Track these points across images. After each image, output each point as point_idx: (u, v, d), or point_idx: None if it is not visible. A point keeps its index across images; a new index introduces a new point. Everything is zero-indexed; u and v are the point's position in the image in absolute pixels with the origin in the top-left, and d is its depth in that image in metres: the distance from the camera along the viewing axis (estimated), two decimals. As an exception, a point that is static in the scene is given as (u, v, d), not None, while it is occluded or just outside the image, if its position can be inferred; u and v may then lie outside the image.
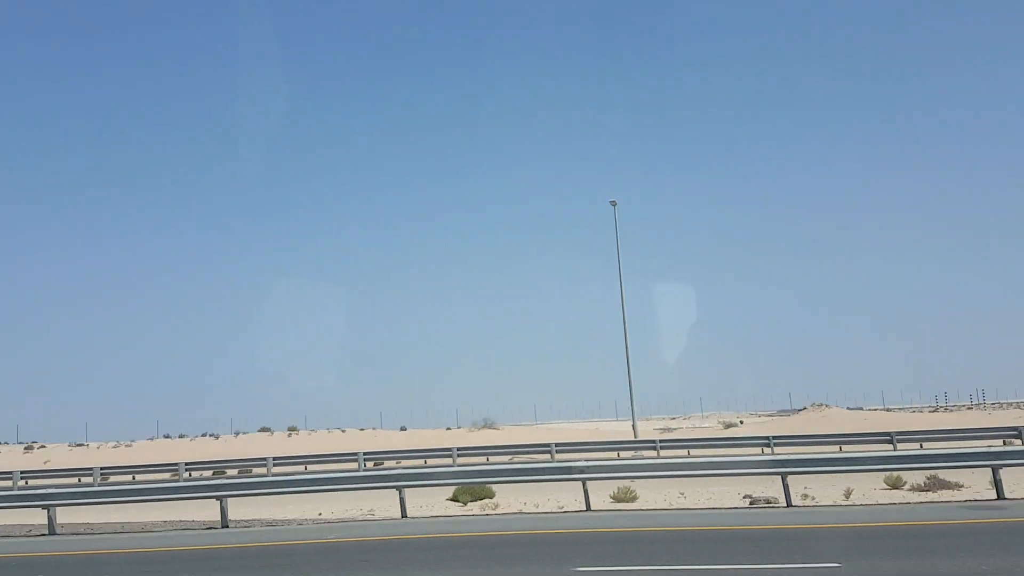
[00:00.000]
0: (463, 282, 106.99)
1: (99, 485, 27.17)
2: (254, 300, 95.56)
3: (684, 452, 30.20)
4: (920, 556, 8.86)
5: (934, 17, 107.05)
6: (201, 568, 10.48)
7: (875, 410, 71.78)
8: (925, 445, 27.40)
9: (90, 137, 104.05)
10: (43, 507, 15.64)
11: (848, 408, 65.69)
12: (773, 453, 28.89)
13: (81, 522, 16.88)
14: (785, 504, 14.54)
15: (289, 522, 15.74)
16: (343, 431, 60.49)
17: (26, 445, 65.98)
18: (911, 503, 14.38)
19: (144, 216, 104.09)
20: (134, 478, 32.65)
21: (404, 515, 15.36)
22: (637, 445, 33.17)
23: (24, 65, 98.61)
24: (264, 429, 62.13)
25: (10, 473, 33.29)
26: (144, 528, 15.99)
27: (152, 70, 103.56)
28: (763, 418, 76.26)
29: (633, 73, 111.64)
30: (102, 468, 34.12)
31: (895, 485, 16.52)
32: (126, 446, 61.34)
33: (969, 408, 71.52)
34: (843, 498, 15.43)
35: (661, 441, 32.60)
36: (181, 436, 64.56)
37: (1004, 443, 26.90)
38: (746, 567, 8.67)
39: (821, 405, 64.25)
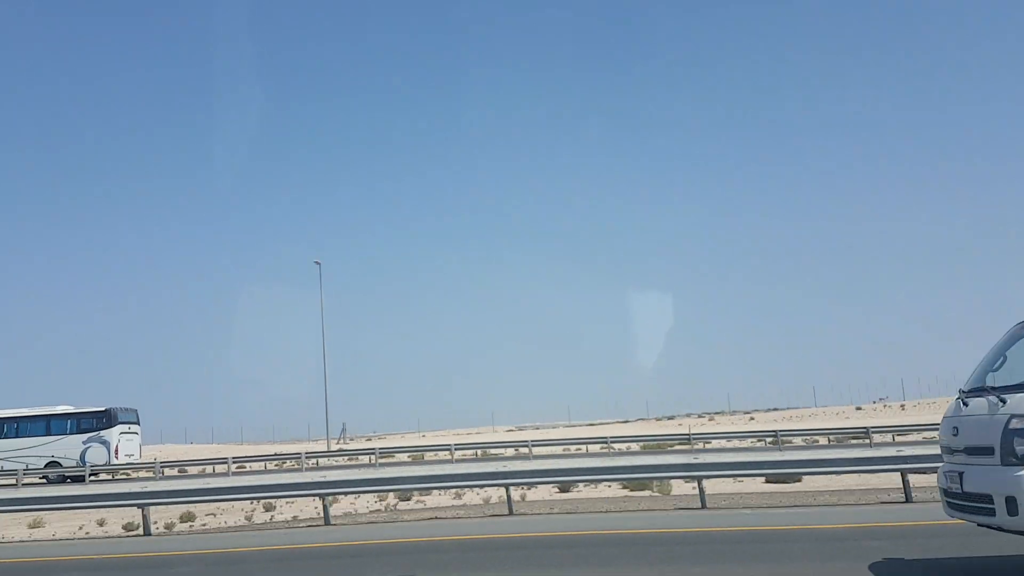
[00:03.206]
0: (452, 287, 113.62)
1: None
2: (231, 307, 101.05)
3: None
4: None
5: (917, 15, 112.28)
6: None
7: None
8: None
9: (69, 142, 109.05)
10: (320, 496, 15.88)
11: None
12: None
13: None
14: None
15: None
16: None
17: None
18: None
19: (125, 220, 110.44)
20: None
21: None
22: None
23: (1, 72, 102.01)
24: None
25: (225, 459, 35.77)
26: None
27: (131, 77, 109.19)
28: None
29: (613, 79, 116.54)
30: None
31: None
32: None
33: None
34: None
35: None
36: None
37: None
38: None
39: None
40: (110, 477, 35.03)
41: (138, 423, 37.39)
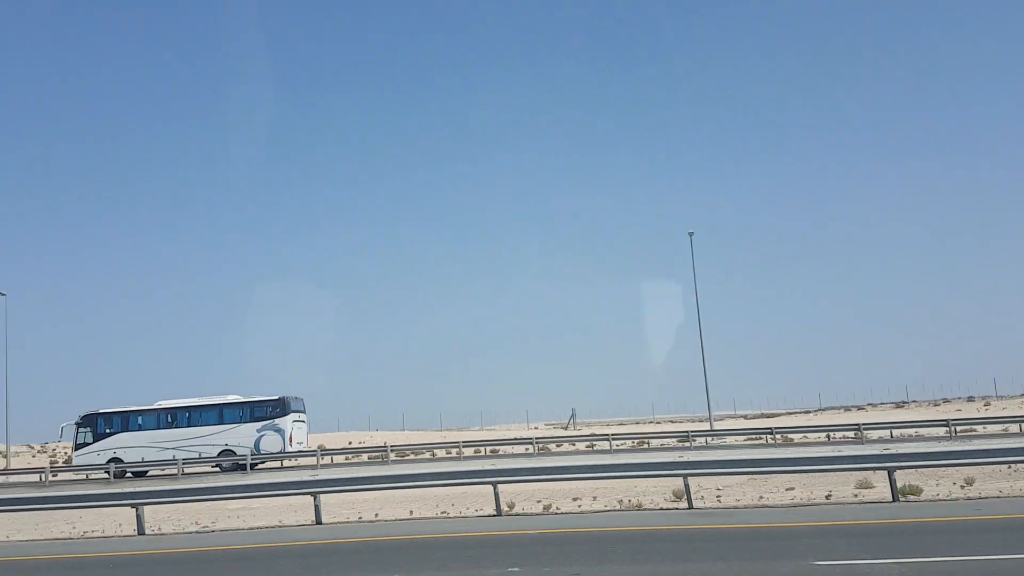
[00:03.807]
0: (454, 286, 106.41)
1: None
2: (244, 303, 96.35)
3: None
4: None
5: (917, 15, 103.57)
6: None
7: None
8: None
9: (76, 140, 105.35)
10: (492, 483, 15.24)
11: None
12: None
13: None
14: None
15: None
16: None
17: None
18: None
19: (133, 219, 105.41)
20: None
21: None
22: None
23: (10, 69, 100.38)
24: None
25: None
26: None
27: (140, 74, 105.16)
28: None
29: (626, 74, 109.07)
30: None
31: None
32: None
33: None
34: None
35: None
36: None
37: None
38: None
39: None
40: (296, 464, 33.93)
41: (305, 411, 36.47)
